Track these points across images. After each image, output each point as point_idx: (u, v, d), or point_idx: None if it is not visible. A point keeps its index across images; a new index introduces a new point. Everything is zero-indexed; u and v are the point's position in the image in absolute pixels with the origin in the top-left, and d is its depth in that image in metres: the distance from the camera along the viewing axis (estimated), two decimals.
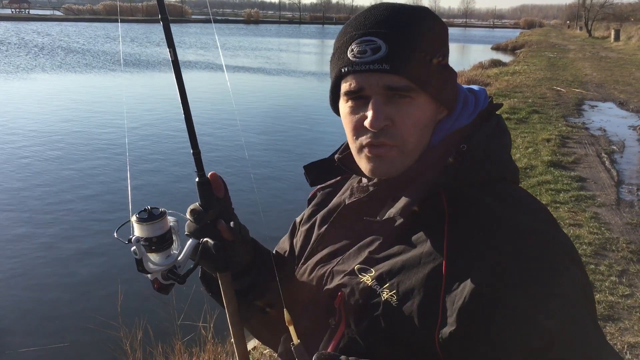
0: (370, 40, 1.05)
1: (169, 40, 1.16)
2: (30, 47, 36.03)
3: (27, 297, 5.99)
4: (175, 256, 1.16)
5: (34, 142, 12.12)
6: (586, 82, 19.22)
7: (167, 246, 1.14)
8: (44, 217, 8.09)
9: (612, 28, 52.85)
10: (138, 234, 1.11)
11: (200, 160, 1.19)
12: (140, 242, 1.10)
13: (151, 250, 1.13)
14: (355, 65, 1.05)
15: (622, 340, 4.00)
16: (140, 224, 1.11)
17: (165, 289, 1.17)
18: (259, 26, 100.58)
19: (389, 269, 1.05)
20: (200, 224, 1.17)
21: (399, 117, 1.05)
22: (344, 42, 1.09)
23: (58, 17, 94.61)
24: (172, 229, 1.16)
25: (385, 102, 1.05)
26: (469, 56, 40.63)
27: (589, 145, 10.00)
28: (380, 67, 1.03)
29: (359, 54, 1.05)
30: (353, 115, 1.09)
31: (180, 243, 1.20)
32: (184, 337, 4.21)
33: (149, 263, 1.13)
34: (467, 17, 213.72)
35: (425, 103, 1.07)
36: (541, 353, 0.92)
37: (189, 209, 1.18)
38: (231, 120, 14.74)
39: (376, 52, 1.04)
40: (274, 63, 32.92)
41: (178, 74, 1.17)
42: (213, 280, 1.29)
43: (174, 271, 1.16)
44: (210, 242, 1.15)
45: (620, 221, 6.28)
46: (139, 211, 1.13)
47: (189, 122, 1.19)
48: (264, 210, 8.18)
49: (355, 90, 1.06)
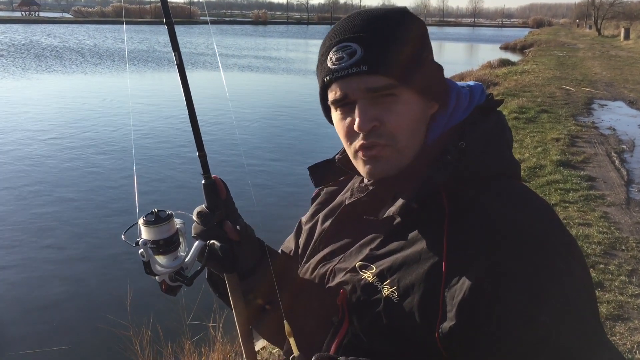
0: (346, 45, 1.07)
1: (174, 44, 1.17)
2: (37, 49, 36.25)
3: (36, 298, 6.03)
4: (182, 258, 1.17)
5: (40, 145, 12.18)
6: (596, 81, 19.09)
7: (174, 248, 1.15)
8: (53, 219, 8.13)
9: (621, 27, 52.43)
10: (145, 236, 1.12)
11: (206, 163, 1.20)
12: (148, 245, 1.11)
13: (158, 253, 1.13)
14: (335, 72, 1.07)
15: (632, 340, 3.97)
16: (147, 227, 1.12)
17: (173, 290, 1.18)
18: (267, 27, 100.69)
19: (389, 265, 1.06)
20: (207, 225, 1.18)
21: (386, 116, 1.07)
22: (323, 52, 1.12)
23: (67, 19, 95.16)
24: (179, 231, 1.17)
25: (370, 104, 1.06)
26: (477, 56, 40.45)
27: (599, 144, 9.94)
28: (359, 70, 1.05)
29: (337, 61, 1.07)
30: (343, 121, 1.11)
31: (188, 245, 1.20)
32: (193, 337, 4.23)
33: (157, 265, 1.13)
34: (475, 17, 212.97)
35: (411, 98, 1.08)
36: (539, 348, 0.93)
37: (195, 211, 1.19)
38: (230, 120, 14.87)
39: (352, 56, 1.06)
40: (280, 63, 32.97)
41: (183, 77, 1.18)
42: (220, 282, 1.30)
43: (181, 273, 1.16)
44: (217, 244, 1.16)
45: (630, 220, 6.24)
46: (146, 214, 1.13)
47: (195, 125, 1.20)
48: (264, 213, 8.21)
49: (340, 98, 1.09)
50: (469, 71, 24.02)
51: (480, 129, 1.10)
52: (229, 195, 1.23)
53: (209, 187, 1.19)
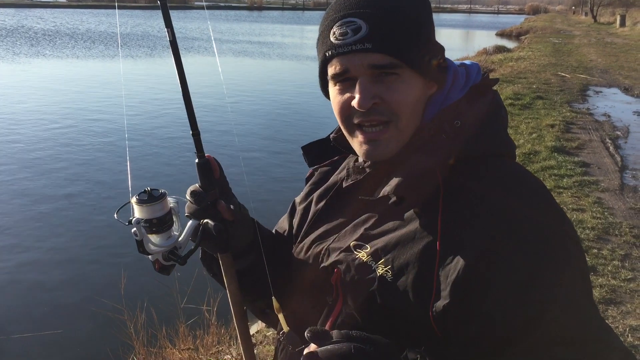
0: (351, 21, 1.06)
1: (167, 20, 1.16)
2: (29, 33, 35.82)
3: (29, 282, 6.03)
4: (175, 237, 1.16)
5: (33, 127, 12.16)
6: (591, 68, 19.07)
7: (168, 227, 1.15)
8: (45, 202, 8.12)
9: (617, 14, 52.32)
10: (138, 215, 1.11)
11: (199, 142, 1.19)
12: (141, 224, 1.10)
13: (152, 232, 1.13)
14: (338, 47, 1.06)
15: (624, 323, 4.01)
16: (140, 205, 1.11)
17: (167, 269, 1.18)
18: (262, 12, 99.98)
19: (384, 244, 1.06)
20: (201, 205, 1.17)
21: (387, 94, 1.06)
22: (326, 25, 1.11)
23: (61, 3, 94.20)
24: (173, 210, 1.16)
25: (372, 81, 1.06)
26: (473, 42, 40.32)
27: (593, 130, 9.95)
28: (363, 47, 1.04)
29: (340, 36, 1.06)
30: (340, 96, 1.10)
31: (181, 224, 1.20)
32: (187, 320, 4.23)
33: (150, 244, 1.13)
34: (471, 3, 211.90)
35: (412, 78, 1.07)
36: (532, 327, 0.94)
37: (189, 190, 1.18)
38: (224, 102, 14.82)
39: (357, 32, 1.05)
40: (275, 48, 32.80)
41: (177, 54, 1.17)
42: (214, 261, 1.30)
43: (174, 252, 1.16)
44: (210, 223, 1.15)
45: (624, 206, 6.27)
46: (139, 192, 1.13)
47: (188, 103, 1.19)
48: (257, 193, 8.21)
49: (341, 72, 1.08)
50: (465, 57, 23.91)
51: (476, 108, 1.10)
52: (223, 175, 1.22)
53: (203, 165, 1.18)
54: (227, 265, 1.25)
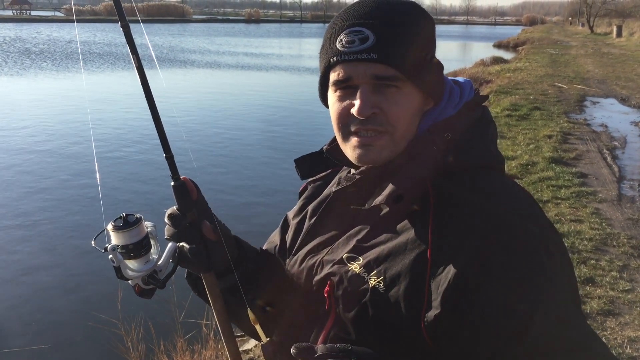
0: (359, 30, 1.07)
1: (132, 47, 1.15)
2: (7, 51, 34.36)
3: (26, 297, 6.00)
4: (154, 261, 1.16)
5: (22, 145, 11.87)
6: (588, 79, 19.15)
7: (145, 252, 1.14)
8: (40, 216, 8.08)
9: (614, 24, 52.65)
10: (115, 241, 1.11)
11: (174, 164, 1.18)
12: (117, 250, 1.10)
13: (129, 257, 1.12)
14: (344, 54, 1.08)
15: (623, 334, 3.98)
16: (116, 232, 1.11)
17: (147, 293, 1.18)
18: (260, 25, 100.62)
19: (376, 256, 1.07)
20: (178, 227, 1.17)
21: (386, 105, 1.07)
22: (332, 33, 1.12)
23: (59, 18, 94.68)
24: (150, 234, 1.16)
25: (372, 91, 1.07)
26: (470, 53, 40.62)
27: (591, 141, 9.96)
28: (368, 57, 1.06)
29: (347, 44, 1.07)
30: (340, 103, 1.12)
31: (161, 247, 1.19)
32: (185, 335, 4.21)
33: (127, 270, 1.13)
34: (468, 15, 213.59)
35: (412, 93, 1.09)
36: (518, 338, 0.95)
37: (166, 213, 1.19)
38: (217, 116, 14.77)
39: (364, 41, 1.06)
40: (273, 61, 32.92)
41: (144, 80, 1.16)
42: (199, 280, 1.30)
43: (154, 276, 1.16)
44: (186, 246, 1.15)
45: (622, 216, 6.25)
46: (115, 219, 1.12)
47: (159, 127, 1.18)
48: (249, 209, 8.17)
49: (344, 79, 1.09)
50: (462, 69, 24.05)
51: (466, 123, 1.13)
52: (201, 195, 1.22)
53: (179, 188, 1.17)
54: (211, 284, 1.24)
